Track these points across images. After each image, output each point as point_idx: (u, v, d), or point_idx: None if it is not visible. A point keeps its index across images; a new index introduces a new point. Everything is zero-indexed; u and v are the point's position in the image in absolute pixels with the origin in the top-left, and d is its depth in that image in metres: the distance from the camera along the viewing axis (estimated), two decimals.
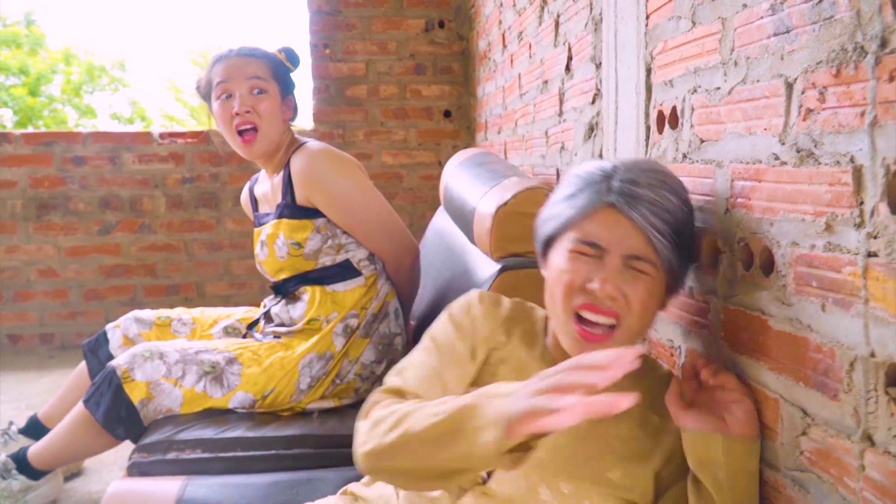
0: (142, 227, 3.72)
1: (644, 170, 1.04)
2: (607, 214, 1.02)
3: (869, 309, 0.78)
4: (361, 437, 0.97)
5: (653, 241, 1.01)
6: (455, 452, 0.84)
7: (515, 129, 2.67)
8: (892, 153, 0.73)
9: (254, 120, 1.90)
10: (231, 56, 1.93)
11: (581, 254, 1.03)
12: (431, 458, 0.87)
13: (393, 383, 1.07)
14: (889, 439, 0.76)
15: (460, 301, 1.19)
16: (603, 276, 1.00)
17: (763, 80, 0.96)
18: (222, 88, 1.90)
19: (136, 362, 1.74)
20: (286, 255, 1.88)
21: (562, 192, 1.10)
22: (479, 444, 0.80)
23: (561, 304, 1.04)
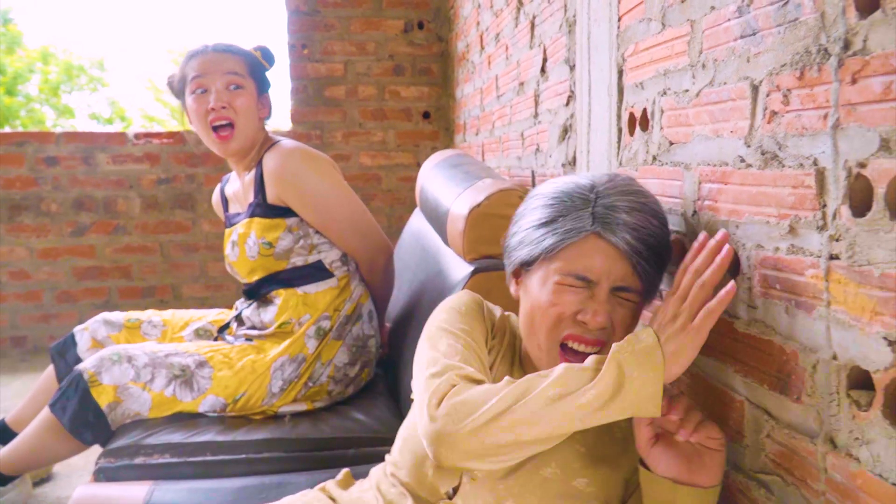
0: (116, 229, 3.68)
1: (623, 192, 1.03)
2: (592, 243, 1.01)
3: (831, 312, 0.78)
4: (446, 419, 0.90)
5: (637, 268, 1.01)
6: (610, 412, 0.87)
7: (493, 131, 2.67)
8: (854, 156, 0.73)
9: (230, 116, 1.88)
10: (207, 52, 1.90)
11: (569, 286, 1.01)
12: (571, 427, 0.87)
13: (465, 371, 0.98)
14: (851, 442, 0.76)
15: (460, 296, 1.17)
16: (595, 309, 1.00)
17: (730, 83, 0.96)
18: (197, 83, 1.88)
19: (104, 366, 1.71)
20: (257, 254, 1.85)
21: (537, 214, 1.06)
22: (641, 398, 0.86)
23: (546, 333, 1.03)
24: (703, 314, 0.87)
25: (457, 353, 1.02)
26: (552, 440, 0.89)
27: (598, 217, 1.01)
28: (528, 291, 1.07)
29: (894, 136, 0.68)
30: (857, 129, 0.72)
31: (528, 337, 1.07)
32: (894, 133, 0.68)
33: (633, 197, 1.03)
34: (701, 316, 0.87)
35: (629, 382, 0.86)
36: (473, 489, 1.04)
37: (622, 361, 0.87)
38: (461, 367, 0.98)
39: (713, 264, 0.89)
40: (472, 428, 0.88)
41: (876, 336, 0.71)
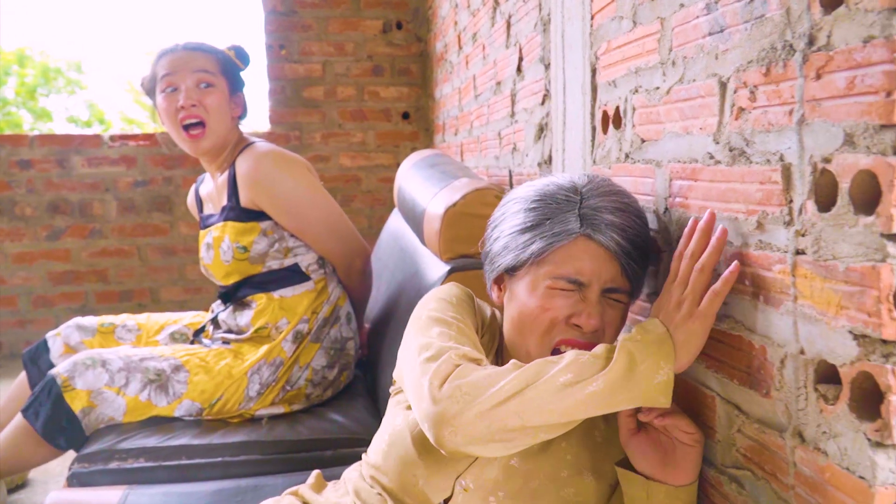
0: (92, 232, 3.64)
1: (606, 192, 1.02)
2: (581, 245, 1.00)
3: (798, 307, 0.78)
4: (449, 402, 0.87)
5: (626, 268, 1.01)
6: (619, 402, 0.87)
7: (471, 131, 2.67)
8: (818, 151, 0.73)
9: (200, 114, 1.85)
10: (177, 50, 1.88)
11: (560, 289, 1.01)
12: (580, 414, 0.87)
13: (464, 351, 0.96)
14: (819, 436, 0.76)
15: (448, 286, 1.14)
16: (588, 311, 0.99)
17: (699, 80, 0.96)
18: (167, 81, 1.86)
19: (77, 370, 1.69)
20: (231, 258, 1.84)
21: (520, 218, 1.04)
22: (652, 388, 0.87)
23: (538, 338, 1.02)
24: (708, 297, 0.87)
25: (451, 339, 0.99)
26: (559, 428, 0.88)
27: (585, 218, 1.00)
28: (516, 297, 1.05)
29: (858, 130, 0.68)
30: (821, 125, 0.73)
31: (517, 342, 1.05)
32: (858, 128, 0.68)
33: (617, 197, 1.03)
34: (707, 300, 0.87)
35: (640, 373, 0.86)
36: (465, 500, 1.02)
37: (632, 351, 0.87)
38: (458, 347, 0.96)
39: (709, 246, 0.89)
40: (479, 411, 0.86)
41: (842, 330, 0.72)
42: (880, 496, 0.69)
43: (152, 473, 1.53)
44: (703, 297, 0.88)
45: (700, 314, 0.88)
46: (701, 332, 0.88)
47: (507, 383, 0.87)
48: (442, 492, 1.03)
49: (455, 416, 0.87)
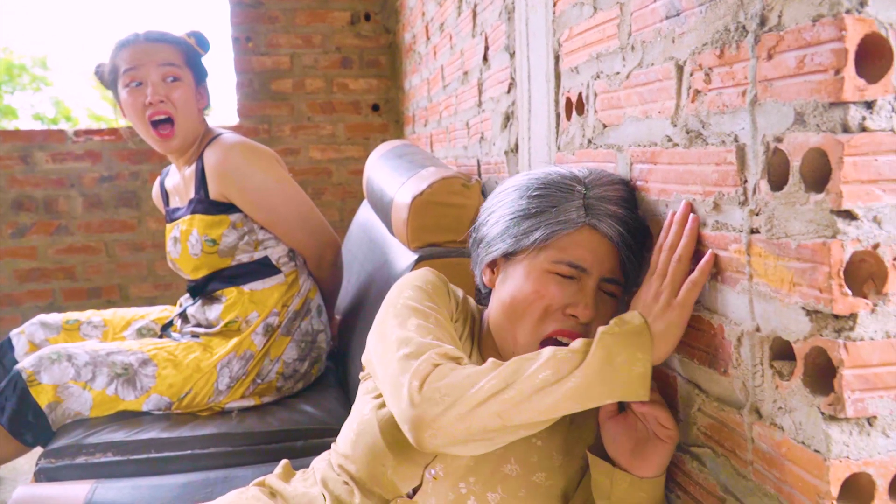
0: (58, 229, 3.59)
1: (609, 183, 1.03)
2: (585, 234, 1.00)
3: (753, 285, 0.79)
4: (429, 403, 0.87)
5: (625, 261, 1.01)
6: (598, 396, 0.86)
7: (440, 121, 2.67)
8: (771, 131, 0.75)
9: (168, 110, 1.82)
10: (138, 41, 1.84)
11: (558, 275, 1.00)
12: (558, 412, 0.86)
13: (444, 349, 0.94)
14: (775, 411, 0.78)
15: (423, 272, 1.13)
16: (585, 302, 0.99)
17: (657, 64, 0.97)
18: (131, 76, 1.82)
19: (43, 365, 1.67)
20: (200, 252, 1.82)
21: (521, 205, 1.04)
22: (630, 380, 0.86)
23: (532, 326, 1.01)
24: (686, 287, 0.88)
25: (429, 333, 0.98)
26: (540, 425, 0.88)
27: (589, 208, 1.00)
28: (511, 280, 1.04)
29: (808, 109, 0.69)
30: (773, 104, 0.74)
31: (504, 327, 1.04)
32: (808, 106, 0.69)
33: (620, 187, 1.03)
34: (685, 290, 0.88)
35: (617, 366, 0.86)
36: (435, 488, 1.02)
37: (610, 344, 0.87)
38: (439, 345, 0.95)
39: (684, 237, 0.89)
40: (459, 413, 0.85)
41: (795, 307, 0.73)
42: (834, 469, 0.70)
43: (120, 467, 1.52)
44: (681, 288, 0.89)
45: (678, 304, 0.88)
46: (679, 322, 0.88)
47: (486, 383, 0.86)
48: (410, 481, 1.03)
49: (435, 419, 0.86)
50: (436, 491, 1.02)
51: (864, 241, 0.67)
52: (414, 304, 1.04)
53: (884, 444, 0.71)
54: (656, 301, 0.89)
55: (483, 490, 1.02)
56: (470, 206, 1.61)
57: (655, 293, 0.90)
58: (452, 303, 1.12)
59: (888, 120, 0.66)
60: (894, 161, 0.66)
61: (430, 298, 1.06)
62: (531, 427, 0.87)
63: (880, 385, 0.69)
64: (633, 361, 0.86)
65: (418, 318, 1.01)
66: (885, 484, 0.72)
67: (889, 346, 0.69)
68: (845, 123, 0.65)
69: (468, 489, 1.02)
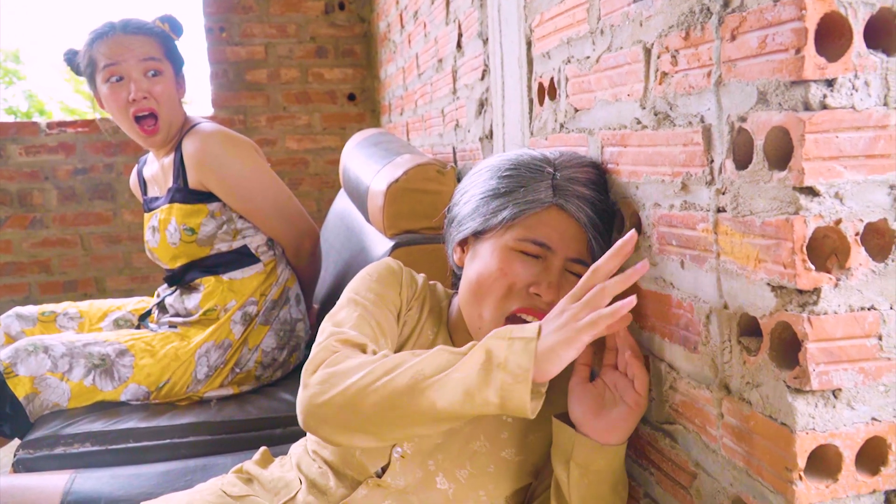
0: (33, 222, 3.55)
1: (579, 165, 1.03)
2: (553, 214, 1.01)
3: (720, 263, 0.81)
4: (317, 387, 0.89)
5: (592, 242, 1.01)
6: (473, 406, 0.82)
7: (416, 110, 2.67)
8: (735, 111, 0.76)
9: (152, 106, 1.82)
10: (115, 33, 1.82)
11: (524, 253, 1.01)
12: (433, 413, 0.83)
13: (349, 336, 0.97)
14: (743, 386, 0.79)
15: (378, 263, 1.14)
16: (549, 281, 0.99)
17: (625, 47, 0.98)
18: (111, 71, 1.81)
19: (20, 357, 1.66)
20: (179, 241, 1.82)
21: (492, 184, 1.04)
22: (511, 390, 0.80)
23: (495, 303, 1.01)
24: (591, 317, 0.81)
25: (349, 321, 1.00)
26: (423, 424, 0.85)
27: (558, 189, 1.01)
28: (478, 259, 1.05)
29: (770, 88, 0.70)
30: (737, 85, 0.75)
31: (470, 304, 1.05)
32: (770, 85, 0.70)
33: (589, 169, 1.04)
34: (588, 319, 0.81)
35: (496, 371, 0.81)
36: (403, 466, 1.04)
37: (492, 348, 0.83)
38: (342, 332, 0.96)
39: (622, 276, 0.83)
40: (341, 401, 0.86)
41: (760, 283, 0.74)
42: (801, 441, 0.72)
43: (99, 457, 1.52)
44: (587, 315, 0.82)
45: (573, 328, 0.81)
46: (564, 346, 0.81)
47: (366, 373, 0.86)
48: (378, 460, 1.04)
49: (320, 405, 0.88)
50: (404, 469, 1.03)
51: (826, 216, 0.69)
52: (352, 294, 1.06)
53: (849, 415, 0.73)
54: (558, 317, 0.84)
55: (452, 467, 1.04)
56: (445, 192, 1.62)
57: (562, 309, 0.85)
58: (407, 290, 1.12)
59: (848, 97, 0.67)
60: (855, 138, 0.68)
61: (372, 288, 1.08)
62: (415, 424, 0.85)
63: (844, 358, 0.71)
64: (515, 374, 0.81)
65: (348, 309, 1.03)
66: (852, 455, 0.73)
67: (852, 319, 0.71)
68: (806, 101, 0.67)
69: (436, 466, 1.04)
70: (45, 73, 13.12)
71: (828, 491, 0.73)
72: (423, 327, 1.13)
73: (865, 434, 0.73)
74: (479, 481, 1.04)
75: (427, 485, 1.03)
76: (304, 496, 1.07)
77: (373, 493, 1.03)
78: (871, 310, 0.71)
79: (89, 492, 1.29)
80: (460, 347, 0.88)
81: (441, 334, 1.13)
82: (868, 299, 0.71)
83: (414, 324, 1.13)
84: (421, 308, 1.14)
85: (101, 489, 1.30)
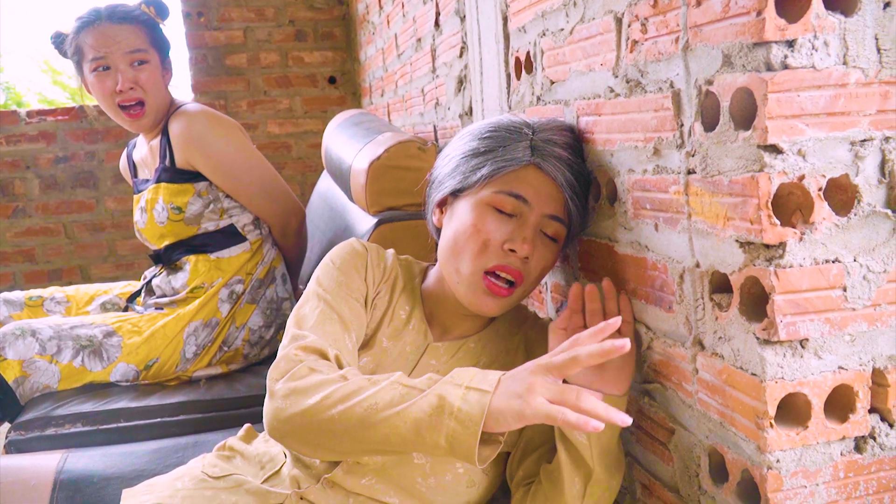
0: (15, 212, 3.54)
1: (557, 128, 1.06)
2: (530, 172, 1.03)
3: (692, 223, 0.83)
4: (280, 402, 0.93)
5: (568, 203, 1.03)
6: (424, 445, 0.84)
7: (396, 91, 2.68)
8: (702, 74, 0.78)
9: (138, 95, 1.84)
10: (101, 22, 1.82)
11: (499, 211, 1.02)
12: (387, 444, 0.86)
13: (310, 342, 1.00)
14: (715, 341, 0.82)
15: (340, 246, 1.15)
16: (523, 236, 1.00)
17: (597, 18, 1.00)
18: (98, 63, 1.82)
19: (7, 341, 1.68)
20: (166, 220, 1.84)
21: (472, 145, 1.07)
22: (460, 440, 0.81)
23: (471, 259, 1.02)
24: (547, 410, 0.78)
25: (311, 319, 1.03)
26: (379, 452, 0.91)
27: (535, 149, 1.03)
28: (455, 217, 1.07)
29: (734, 51, 0.73)
30: (703, 49, 0.77)
31: (448, 261, 1.06)
32: (734, 48, 0.73)
33: (568, 133, 1.06)
34: (545, 409, 0.78)
35: (448, 420, 0.82)
36: None
37: (446, 394, 0.84)
38: (303, 337, 1.00)
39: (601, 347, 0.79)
40: (301, 422, 0.90)
41: (729, 240, 0.77)
42: (770, 389, 0.75)
43: (90, 437, 1.54)
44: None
45: (526, 404, 0.79)
46: (512, 415, 0.80)
47: (325, 396, 0.89)
48: None
49: (284, 420, 0.92)
50: None
51: (789, 173, 0.71)
52: (315, 287, 1.09)
53: (816, 364, 0.76)
54: (523, 379, 0.82)
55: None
56: (426, 169, 1.63)
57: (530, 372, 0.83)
58: (373, 271, 1.13)
59: (808, 57, 0.70)
60: (816, 96, 0.71)
61: (334, 280, 1.09)
62: (370, 451, 0.91)
63: (810, 309, 0.74)
64: (465, 420, 0.81)
65: (310, 304, 1.06)
66: (821, 403, 0.77)
67: (817, 272, 0.74)
68: (768, 62, 0.69)
69: None
70: (22, 65, 12.89)
71: (798, 438, 0.76)
72: (394, 308, 1.14)
73: (833, 382, 0.77)
74: None
75: (404, 460, 1.04)
76: (290, 469, 1.10)
77: (354, 469, 1.04)
78: (835, 262, 0.74)
79: (82, 470, 1.31)
80: (419, 379, 0.89)
81: (416, 312, 1.14)
82: (832, 252, 0.74)
83: (385, 306, 1.13)
84: (392, 288, 1.15)
85: (93, 467, 1.32)
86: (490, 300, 1.03)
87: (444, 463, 1.04)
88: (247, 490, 1.08)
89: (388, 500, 1.05)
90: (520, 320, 1.17)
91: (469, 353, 1.11)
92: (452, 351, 1.11)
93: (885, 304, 0.76)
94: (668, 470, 0.96)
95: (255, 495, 1.07)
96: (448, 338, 1.13)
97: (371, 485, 1.05)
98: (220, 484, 1.10)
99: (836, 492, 0.78)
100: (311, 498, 1.05)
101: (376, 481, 1.05)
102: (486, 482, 1.07)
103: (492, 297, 1.02)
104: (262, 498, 1.07)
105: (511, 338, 1.14)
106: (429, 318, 1.14)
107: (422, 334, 1.12)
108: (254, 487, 1.08)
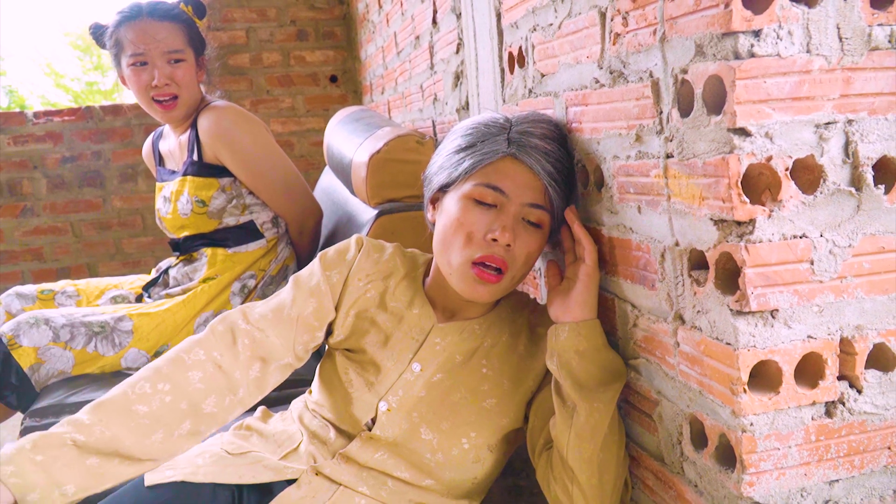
0: (24, 211, 3.61)
1: (535, 120, 1.12)
2: (508, 164, 1.09)
3: (671, 204, 0.89)
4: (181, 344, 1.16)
5: (548, 191, 1.09)
6: None
7: (396, 88, 2.73)
8: (678, 64, 0.84)
9: (173, 91, 1.91)
10: (142, 18, 1.89)
11: (480, 202, 1.08)
12: None
13: (237, 319, 1.17)
14: (694, 315, 0.88)
15: (337, 245, 1.25)
16: (503, 225, 1.06)
17: (583, 13, 1.06)
18: (136, 58, 1.89)
19: (22, 329, 1.73)
20: (189, 212, 1.90)
21: (454, 143, 1.14)
22: None
23: (458, 250, 1.09)
24: None
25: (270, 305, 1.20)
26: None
27: (513, 141, 1.08)
28: (443, 212, 1.14)
29: (706, 41, 0.78)
30: (678, 40, 0.83)
31: (440, 254, 1.13)
32: (706, 38, 0.78)
33: (546, 125, 1.12)
34: None
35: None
36: (389, 418, 1.13)
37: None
38: (243, 313, 1.18)
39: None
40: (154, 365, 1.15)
41: (704, 218, 0.83)
42: (743, 357, 0.80)
43: None
44: None
45: None
46: None
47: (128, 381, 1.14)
48: (367, 413, 1.14)
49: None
50: (390, 422, 1.13)
51: (758, 154, 0.77)
52: (300, 275, 1.23)
53: (786, 333, 0.81)
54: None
55: (434, 418, 1.12)
56: (425, 162, 1.68)
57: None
58: (367, 261, 1.22)
59: (774, 46, 0.75)
60: (781, 82, 0.76)
61: (323, 268, 1.21)
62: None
63: (780, 281, 0.80)
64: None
65: (285, 292, 1.21)
66: (791, 370, 0.82)
67: (785, 246, 0.79)
68: (736, 51, 0.75)
69: (420, 418, 1.13)
70: (25, 69, 12.98)
71: (770, 402, 0.82)
72: (391, 294, 1.21)
73: (802, 350, 0.82)
74: (461, 430, 1.12)
75: (413, 436, 1.12)
76: (307, 446, 1.17)
77: (367, 445, 1.12)
78: (802, 237, 0.80)
79: None
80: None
81: (417, 298, 1.21)
82: (800, 228, 0.79)
83: (379, 294, 1.21)
84: (386, 278, 1.22)
85: None
86: (481, 287, 1.09)
87: (450, 438, 1.10)
88: (265, 466, 1.14)
89: (400, 474, 1.11)
90: (521, 305, 1.24)
91: (473, 335, 1.18)
92: (457, 332, 1.18)
93: (850, 277, 0.81)
94: (653, 440, 1.02)
95: (273, 470, 1.13)
96: (453, 321, 1.20)
97: (384, 459, 1.11)
98: (239, 461, 1.16)
99: (808, 454, 0.84)
100: (326, 472, 1.12)
101: (388, 456, 1.11)
102: (491, 459, 1.13)
103: (482, 285, 1.08)
104: (279, 472, 1.13)
105: (513, 322, 1.20)
106: (434, 304, 1.21)
107: (427, 317, 1.19)
108: (272, 463, 1.15)
